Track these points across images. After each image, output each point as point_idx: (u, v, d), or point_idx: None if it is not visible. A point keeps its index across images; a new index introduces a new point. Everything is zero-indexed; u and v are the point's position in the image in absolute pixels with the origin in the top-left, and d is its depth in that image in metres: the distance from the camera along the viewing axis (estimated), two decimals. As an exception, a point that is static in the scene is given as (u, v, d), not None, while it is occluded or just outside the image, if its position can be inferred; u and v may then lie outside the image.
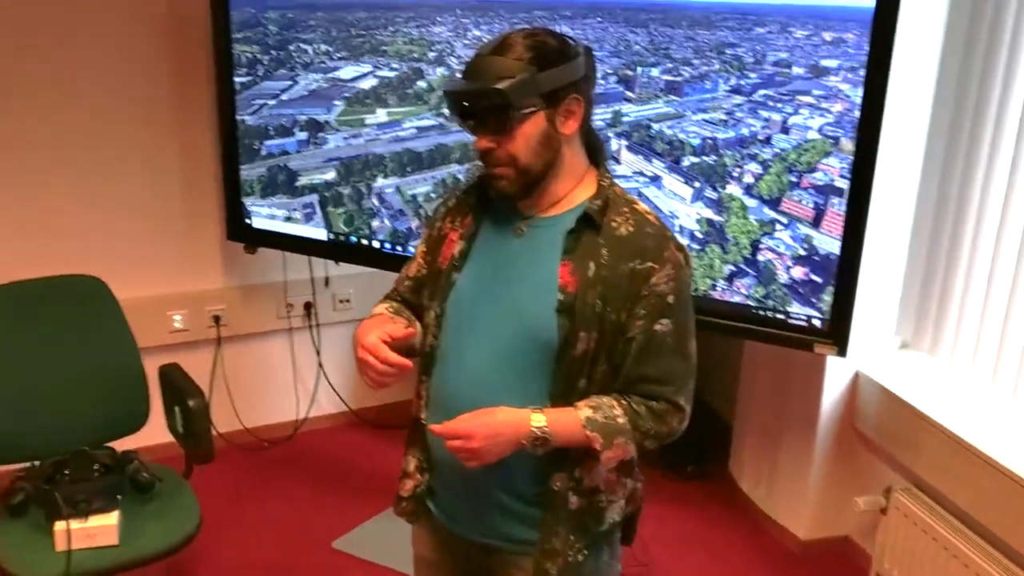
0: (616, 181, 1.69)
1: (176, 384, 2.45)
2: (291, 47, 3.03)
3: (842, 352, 2.53)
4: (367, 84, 2.96)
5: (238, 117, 3.15)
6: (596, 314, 1.57)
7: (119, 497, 2.34)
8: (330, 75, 3.01)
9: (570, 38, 1.60)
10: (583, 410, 1.58)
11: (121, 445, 2.52)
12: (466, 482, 1.67)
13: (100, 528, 2.24)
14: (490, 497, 1.68)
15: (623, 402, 1.61)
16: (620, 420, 1.59)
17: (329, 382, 3.85)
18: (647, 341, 1.59)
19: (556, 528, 1.66)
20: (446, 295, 1.68)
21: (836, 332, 2.51)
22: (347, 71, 2.99)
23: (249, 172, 3.20)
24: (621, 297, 1.58)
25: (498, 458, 1.56)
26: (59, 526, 2.21)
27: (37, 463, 2.39)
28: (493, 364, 1.63)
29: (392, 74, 2.92)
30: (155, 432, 2.61)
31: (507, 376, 1.62)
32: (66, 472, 2.37)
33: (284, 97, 3.08)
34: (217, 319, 3.56)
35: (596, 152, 1.68)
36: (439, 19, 2.81)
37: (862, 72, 2.33)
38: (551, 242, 1.62)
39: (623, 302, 1.58)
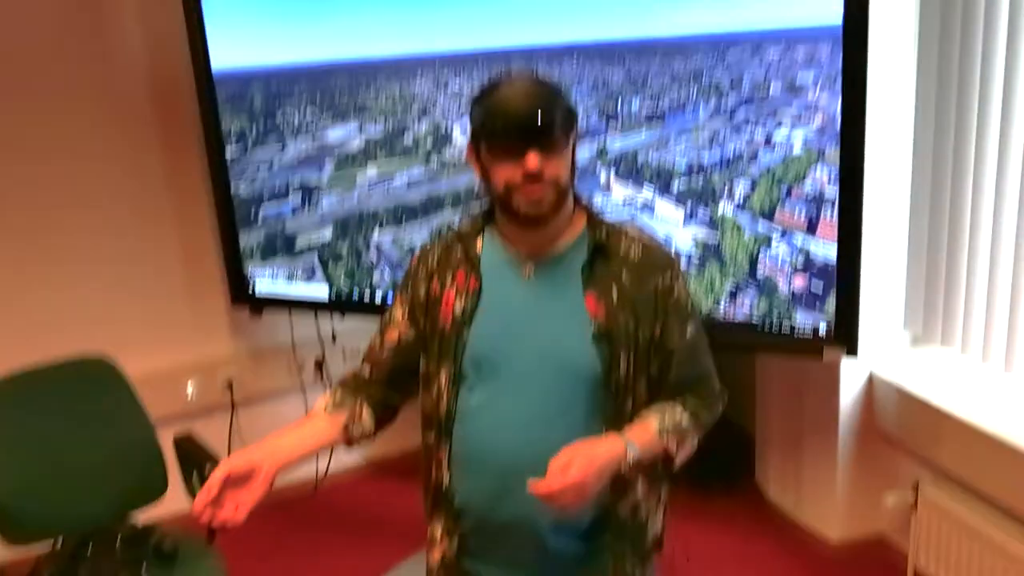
0: (607, 211, 1.74)
1: (191, 454, 2.48)
2: (278, 114, 3.06)
3: (852, 352, 2.54)
4: (355, 143, 2.99)
5: (232, 188, 3.19)
6: (630, 334, 1.62)
7: (143, 571, 2.35)
8: (318, 138, 3.04)
9: None
10: (651, 421, 1.63)
11: (144, 515, 2.54)
12: (515, 535, 1.69)
13: (128, 604, 2.25)
14: (541, 541, 1.68)
15: (678, 404, 1.68)
16: (685, 421, 1.67)
17: (347, 436, 3.85)
18: (687, 349, 1.68)
19: (622, 550, 1.71)
20: (459, 354, 1.67)
21: (844, 334, 2.53)
22: (334, 133, 3.02)
23: (248, 238, 3.23)
24: (651, 314, 1.64)
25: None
26: (87, 605, 2.22)
27: (60, 542, 2.40)
28: (535, 408, 1.64)
29: (378, 131, 2.95)
30: (178, 500, 2.63)
31: (554, 416, 1.63)
32: (89, 549, 2.39)
33: (275, 165, 3.11)
34: (230, 384, 3.58)
35: (574, 188, 1.71)
36: (419, 74, 2.84)
37: (840, 82, 2.36)
38: (567, 277, 1.65)
39: (653, 318, 1.64)
